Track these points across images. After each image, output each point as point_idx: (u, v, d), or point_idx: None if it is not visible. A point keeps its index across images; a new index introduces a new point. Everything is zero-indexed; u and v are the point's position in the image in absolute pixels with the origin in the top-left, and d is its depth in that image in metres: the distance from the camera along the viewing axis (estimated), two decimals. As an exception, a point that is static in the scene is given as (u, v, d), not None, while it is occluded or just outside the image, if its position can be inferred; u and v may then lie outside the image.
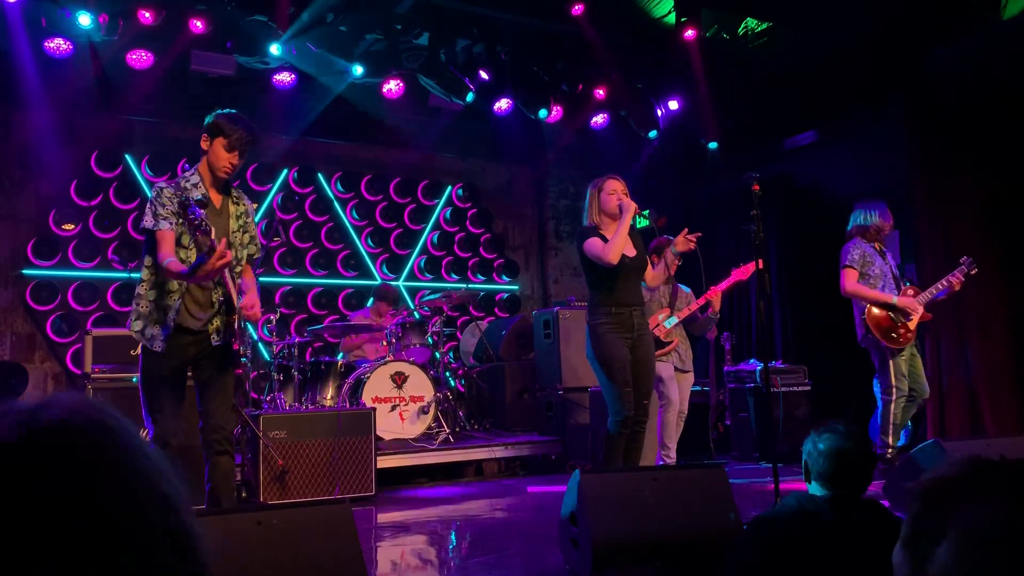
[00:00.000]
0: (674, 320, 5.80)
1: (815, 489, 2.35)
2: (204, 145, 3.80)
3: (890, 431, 5.70)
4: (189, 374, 3.85)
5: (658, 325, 5.80)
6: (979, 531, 0.80)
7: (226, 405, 3.82)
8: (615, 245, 4.56)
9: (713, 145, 8.38)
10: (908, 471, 4.31)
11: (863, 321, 5.78)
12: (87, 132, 7.57)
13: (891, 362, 5.66)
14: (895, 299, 5.63)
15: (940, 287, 5.67)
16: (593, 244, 4.64)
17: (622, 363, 4.64)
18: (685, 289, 6.07)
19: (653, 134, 8.45)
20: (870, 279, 5.75)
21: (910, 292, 5.71)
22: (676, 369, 5.88)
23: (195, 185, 3.77)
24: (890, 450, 5.68)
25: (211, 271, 3.38)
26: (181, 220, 3.58)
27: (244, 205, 3.98)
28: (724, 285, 5.74)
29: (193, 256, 3.61)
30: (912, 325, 5.62)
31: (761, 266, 5.58)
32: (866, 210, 5.94)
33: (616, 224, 4.67)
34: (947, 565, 0.81)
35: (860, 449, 2.35)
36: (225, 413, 3.80)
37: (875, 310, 5.71)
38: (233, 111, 3.86)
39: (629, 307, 4.71)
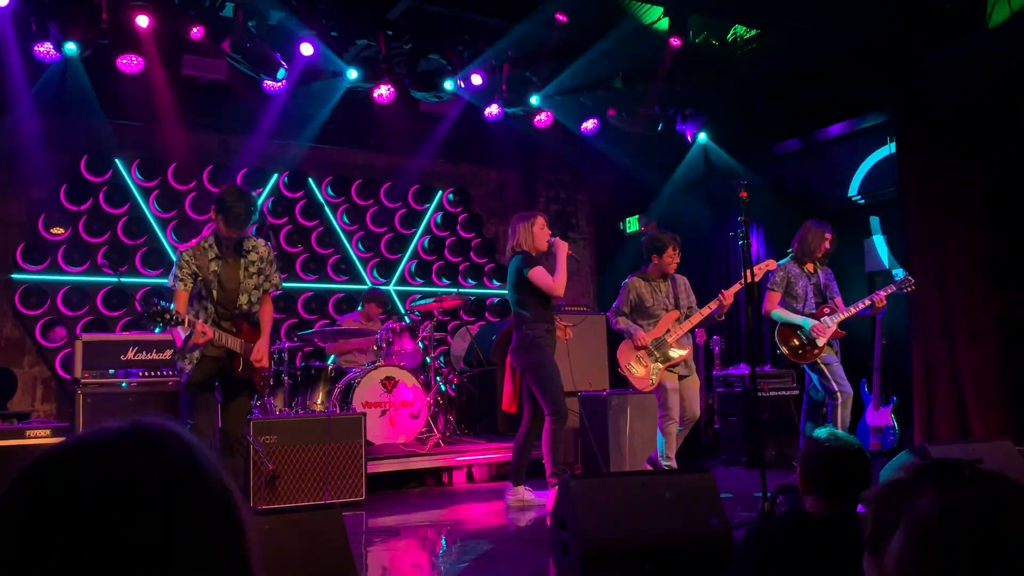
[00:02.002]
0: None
1: (811, 500, 2.34)
2: (212, 215, 4.41)
3: None
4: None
5: (668, 331, 5.66)
6: (920, 519, 0.92)
7: (242, 419, 4.69)
8: (562, 280, 5.32)
9: (703, 138, 8.41)
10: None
11: (776, 338, 5.89)
12: (77, 136, 7.55)
13: (823, 370, 5.74)
14: (804, 323, 5.77)
15: (862, 305, 5.82)
16: (543, 276, 5.29)
17: (558, 370, 5.38)
18: (682, 278, 5.93)
19: (642, 137, 8.47)
20: (794, 299, 5.89)
21: (826, 311, 5.82)
22: (680, 377, 5.70)
23: (210, 246, 4.41)
24: None
25: (196, 344, 4.23)
26: (200, 278, 4.33)
27: (256, 254, 4.55)
28: (736, 287, 5.73)
29: (210, 308, 4.39)
30: (821, 345, 5.74)
31: (774, 265, 5.74)
32: (800, 232, 6.05)
33: (549, 257, 5.40)
34: (898, 551, 0.92)
35: (856, 453, 2.35)
36: (241, 425, 4.67)
37: (784, 328, 5.86)
38: (238, 187, 4.61)
39: (554, 324, 5.51)
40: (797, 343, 5.81)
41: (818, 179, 8.33)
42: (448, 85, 7.40)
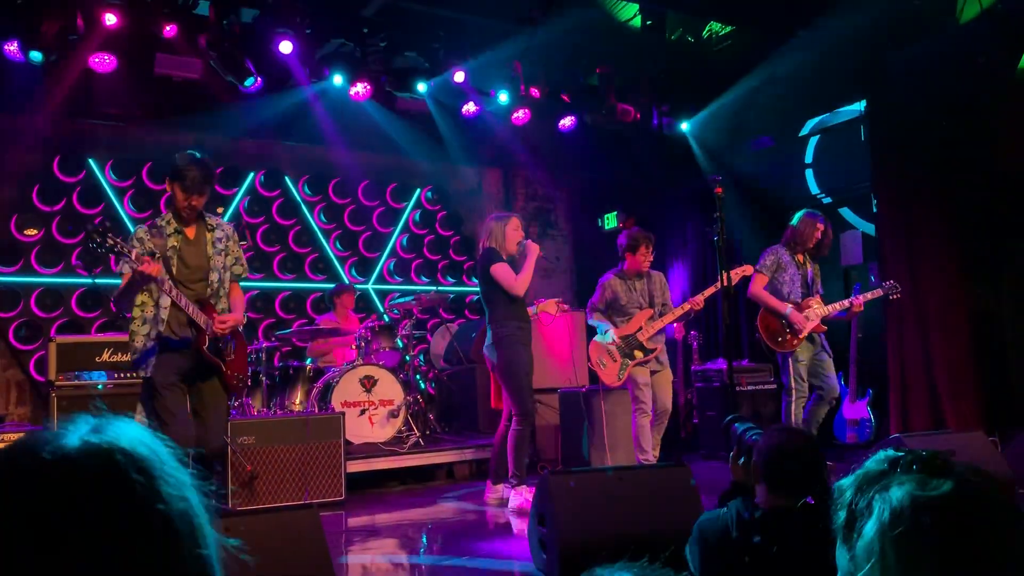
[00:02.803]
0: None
1: (760, 491, 2.35)
2: (167, 186, 4.10)
3: None
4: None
5: (640, 329, 5.78)
6: (891, 505, 0.93)
7: (222, 426, 4.28)
8: (525, 280, 5.32)
9: (687, 127, 8.44)
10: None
11: (756, 321, 5.94)
12: (49, 136, 7.47)
13: (790, 364, 5.82)
14: (787, 310, 5.79)
15: (839, 307, 5.87)
16: (507, 273, 5.30)
17: (529, 370, 5.32)
18: (658, 274, 6.04)
19: (620, 135, 8.50)
20: (780, 285, 5.92)
21: (812, 303, 5.86)
22: (652, 372, 5.81)
23: (168, 222, 4.11)
24: None
25: (142, 274, 3.76)
26: (158, 256, 3.95)
27: (221, 231, 4.25)
28: (709, 291, 5.83)
29: (174, 271, 4.03)
30: (802, 336, 5.78)
31: (751, 271, 5.77)
32: (796, 219, 6.07)
33: (520, 259, 5.40)
34: (868, 536, 0.93)
35: (805, 448, 2.34)
36: (221, 434, 4.29)
37: (767, 314, 5.90)
38: (192, 152, 4.14)
39: (526, 322, 5.43)
40: (777, 330, 5.85)
41: (792, 175, 8.39)
42: (423, 84, 7.39)
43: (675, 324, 6.41)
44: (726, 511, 2.39)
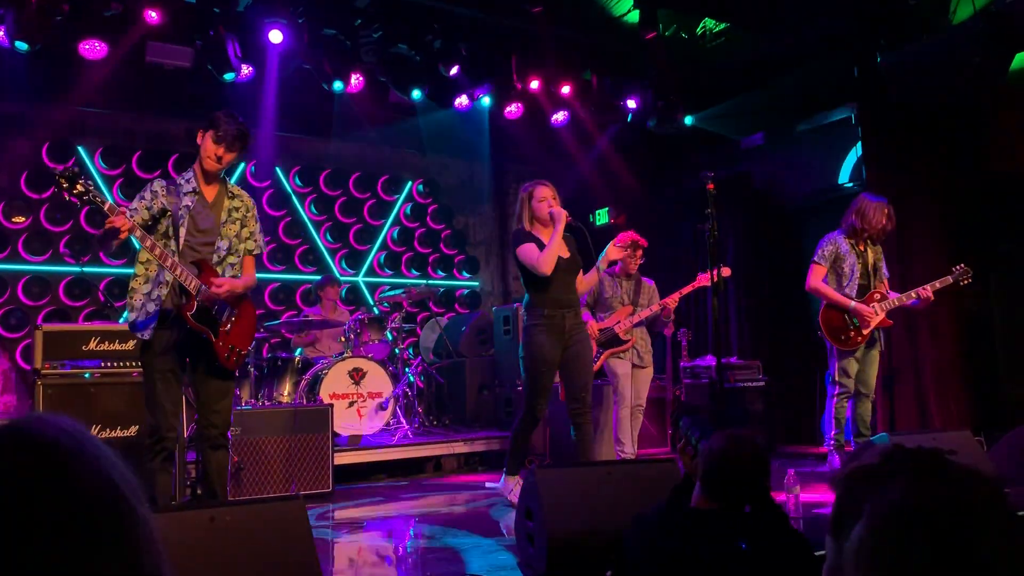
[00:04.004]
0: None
1: (696, 492, 2.34)
2: (199, 139, 3.96)
3: (833, 424, 5.76)
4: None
5: (619, 322, 5.90)
6: (886, 506, 0.90)
7: (221, 401, 4.02)
8: (549, 255, 4.69)
9: (690, 119, 8.43)
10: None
11: (818, 318, 5.84)
12: (38, 123, 7.41)
13: (837, 360, 5.70)
14: (852, 304, 5.57)
15: (912, 296, 5.60)
16: (529, 252, 4.76)
17: (549, 367, 4.81)
18: (649, 283, 6.15)
19: (613, 131, 8.50)
20: (839, 276, 5.71)
21: (876, 296, 5.64)
22: (634, 365, 5.97)
23: (187, 180, 3.99)
24: (833, 443, 5.77)
25: (108, 228, 3.56)
26: (168, 214, 3.87)
27: (241, 201, 4.12)
28: (687, 289, 5.87)
29: (173, 245, 3.87)
30: (866, 331, 5.58)
31: (728, 273, 5.71)
32: (855, 205, 5.77)
33: (549, 229, 4.81)
34: (860, 538, 0.90)
35: (747, 459, 2.27)
36: (226, 411, 4.04)
37: (830, 309, 5.69)
38: (232, 113, 4.03)
39: (562, 309, 4.82)
40: (840, 327, 5.64)
41: (784, 174, 8.40)
42: (415, 76, 7.36)
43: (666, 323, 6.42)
44: (660, 506, 2.39)
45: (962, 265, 5.67)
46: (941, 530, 0.86)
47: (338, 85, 7.08)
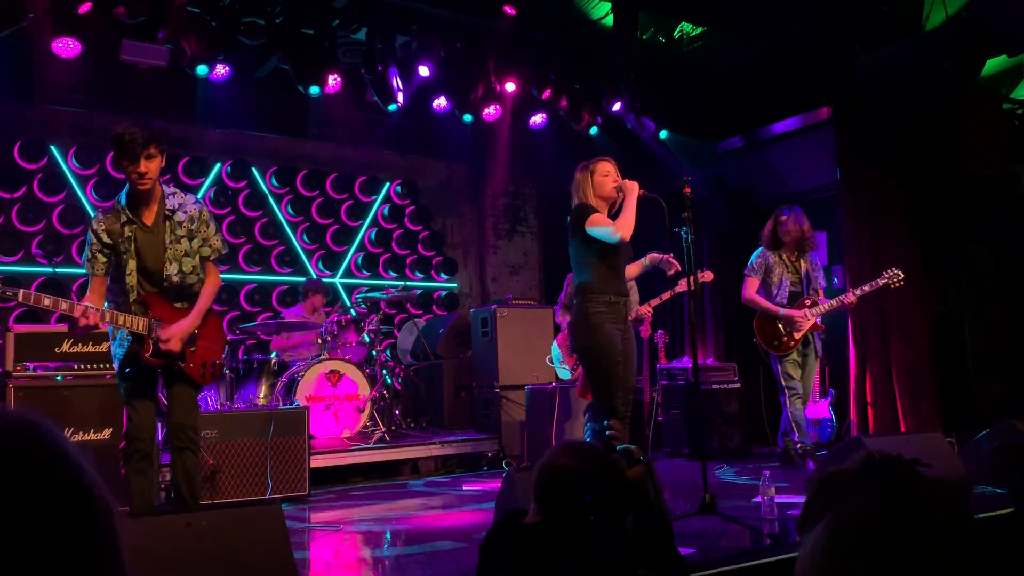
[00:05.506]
0: None
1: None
2: (117, 168, 3.79)
3: (793, 428, 5.95)
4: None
5: None
6: (847, 511, 0.91)
7: (188, 407, 3.96)
8: (627, 220, 4.32)
9: (657, 126, 8.48)
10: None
11: (753, 326, 6.04)
12: (9, 121, 7.31)
13: (777, 365, 5.98)
14: (782, 312, 5.89)
15: (834, 305, 5.94)
16: (600, 219, 4.36)
17: (620, 357, 4.35)
18: (634, 287, 6.10)
19: (593, 132, 8.52)
20: (769, 287, 6.01)
21: (807, 303, 5.93)
22: None
23: (123, 207, 3.80)
24: (798, 446, 5.90)
25: (83, 328, 3.59)
26: (113, 246, 3.76)
27: (183, 212, 3.94)
28: (668, 295, 5.92)
29: (130, 282, 3.77)
30: (797, 335, 5.86)
31: (711, 277, 5.79)
32: (770, 219, 6.16)
33: (610, 207, 4.51)
34: (815, 539, 0.92)
35: (577, 475, 2.21)
36: (186, 413, 3.95)
37: (762, 318, 6.00)
38: (127, 122, 3.83)
39: (623, 297, 4.47)
40: (772, 334, 5.90)
41: (759, 177, 8.47)
42: (394, 77, 7.33)
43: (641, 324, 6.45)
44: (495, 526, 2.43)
45: (893, 269, 5.93)
46: (891, 543, 0.86)
47: (314, 89, 7.02)
